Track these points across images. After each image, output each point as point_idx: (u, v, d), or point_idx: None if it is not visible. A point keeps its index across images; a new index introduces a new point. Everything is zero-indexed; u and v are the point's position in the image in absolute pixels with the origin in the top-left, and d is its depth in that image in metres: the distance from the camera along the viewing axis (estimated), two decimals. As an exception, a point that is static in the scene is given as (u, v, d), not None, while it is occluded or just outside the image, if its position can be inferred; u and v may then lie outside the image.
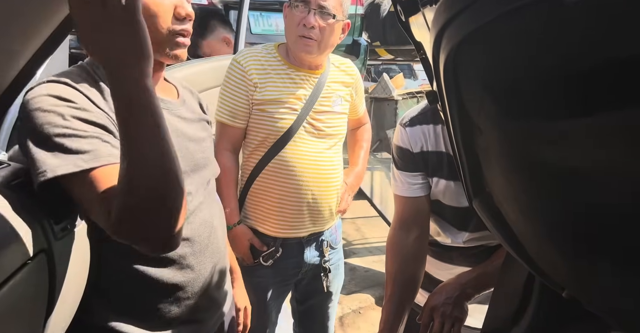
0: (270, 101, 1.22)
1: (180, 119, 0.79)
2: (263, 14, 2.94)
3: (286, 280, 1.36)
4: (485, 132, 0.50)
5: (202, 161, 0.82)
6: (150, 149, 0.53)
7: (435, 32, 0.45)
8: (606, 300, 0.49)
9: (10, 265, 0.52)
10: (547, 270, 0.56)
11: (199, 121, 0.85)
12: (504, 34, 0.39)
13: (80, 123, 0.60)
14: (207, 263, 0.81)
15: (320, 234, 1.36)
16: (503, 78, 0.42)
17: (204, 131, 0.87)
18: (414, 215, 1.02)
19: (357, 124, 1.55)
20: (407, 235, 1.02)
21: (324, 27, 1.19)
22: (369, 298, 2.58)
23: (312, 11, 1.17)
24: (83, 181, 0.57)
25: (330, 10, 1.19)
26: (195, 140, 0.81)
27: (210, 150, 0.88)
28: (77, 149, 0.57)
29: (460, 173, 0.63)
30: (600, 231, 0.43)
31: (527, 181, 0.47)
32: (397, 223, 1.05)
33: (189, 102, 0.86)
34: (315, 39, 1.19)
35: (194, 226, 0.78)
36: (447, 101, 0.53)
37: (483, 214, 0.63)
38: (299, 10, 1.18)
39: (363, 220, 3.63)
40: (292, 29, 1.20)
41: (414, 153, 1.01)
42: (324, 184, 1.28)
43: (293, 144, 1.24)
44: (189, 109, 0.84)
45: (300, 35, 1.18)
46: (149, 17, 0.67)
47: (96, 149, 0.59)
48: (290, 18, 1.20)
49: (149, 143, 0.53)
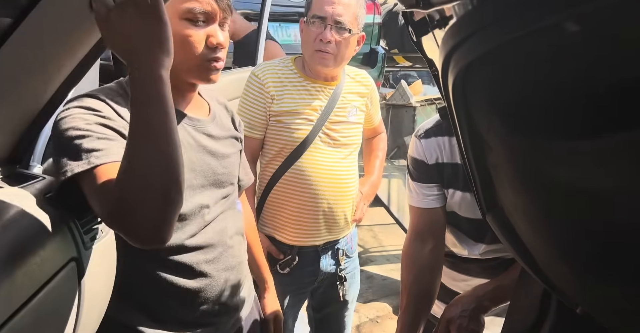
0: (286, 112, 1.25)
1: (206, 136, 0.83)
2: (282, 24, 2.99)
3: (302, 288, 1.38)
4: (495, 149, 0.51)
5: (223, 176, 0.85)
6: (158, 140, 0.56)
7: (444, 54, 0.46)
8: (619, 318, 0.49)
9: (45, 273, 0.56)
10: (559, 285, 0.56)
11: (227, 138, 0.88)
12: (510, 58, 0.40)
13: (101, 128, 0.64)
14: (221, 270, 0.84)
15: (335, 242, 1.38)
16: (510, 99, 0.43)
17: (231, 147, 0.89)
18: (429, 226, 1.03)
19: (372, 133, 1.56)
20: (422, 246, 1.02)
21: (340, 41, 1.22)
22: (387, 307, 2.56)
23: (329, 26, 1.20)
24: (92, 177, 0.60)
25: (346, 25, 1.22)
26: (218, 156, 0.84)
27: (234, 166, 0.90)
28: (92, 148, 0.61)
29: (473, 186, 0.64)
30: (610, 250, 0.43)
31: (537, 198, 0.48)
32: (412, 234, 1.06)
33: (220, 118, 0.89)
34: (331, 53, 1.22)
35: (208, 236, 0.81)
36: (457, 118, 0.54)
37: (496, 227, 0.64)
38: (316, 26, 1.21)
39: (380, 227, 3.62)
40: (309, 43, 1.23)
41: (429, 164, 1.01)
42: (339, 193, 1.30)
43: (309, 154, 1.27)
44: (218, 126, 0.87)
45: (317, 49, 1.22)
46: (184, 45, 0.73)
47: (108, 147, 0.62)
48: (307, 33, 1.24)
49: (160, 134, 0.56)
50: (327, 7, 1.20)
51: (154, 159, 0.56)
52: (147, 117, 0.56)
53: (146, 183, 0.56)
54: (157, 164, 0.56)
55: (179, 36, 0.70)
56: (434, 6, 0.46)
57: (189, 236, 0.78)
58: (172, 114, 0.57)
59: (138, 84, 0.56)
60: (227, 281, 0.85)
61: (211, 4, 0.74)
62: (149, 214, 0.57)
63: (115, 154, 0.61)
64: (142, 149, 0.56)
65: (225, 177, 0.86)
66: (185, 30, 0.73)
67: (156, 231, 0.58)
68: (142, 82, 0.56)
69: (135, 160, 0.56)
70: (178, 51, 0.70)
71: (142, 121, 0.56)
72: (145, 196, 0.56)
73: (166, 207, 0.58)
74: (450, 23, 0.45)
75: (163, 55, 0.56)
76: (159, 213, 0.57)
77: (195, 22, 0.74)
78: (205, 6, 0.74)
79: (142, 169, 0.56)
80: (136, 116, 0.56)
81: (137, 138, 0.56)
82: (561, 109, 0.40)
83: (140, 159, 0.56)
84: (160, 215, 0.57)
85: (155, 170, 0.56)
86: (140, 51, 0.55)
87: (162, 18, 0.57)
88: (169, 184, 0.57)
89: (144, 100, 0.56)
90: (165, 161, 0.57)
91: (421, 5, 0.48)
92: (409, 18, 0.58)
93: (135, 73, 0.56)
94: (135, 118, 0.56)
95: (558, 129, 0.42)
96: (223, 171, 0.85)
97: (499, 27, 0.38)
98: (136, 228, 0.57)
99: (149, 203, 0.56)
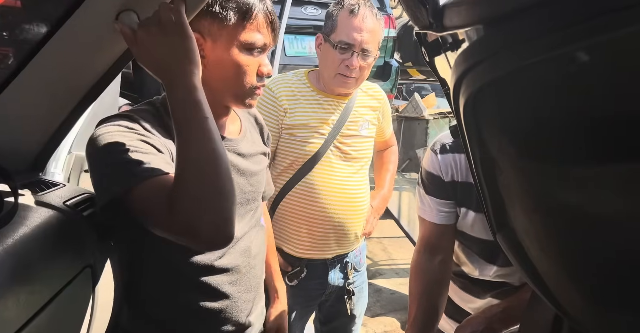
0: (299, 125, 1.27)
1: (237, 155, 0.84)
2: (297, 37, 3.04)
3: (310, 301, 1.38)
4: (505, 170, 0.51)
5: (249, 194, 0.86)
6: (201, 140, 0.60)
7: (456, 77, 0.47)
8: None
9: (61, 279, 0.57)
10: (571, 310, 0.55)
11: (255, 154, 0.89)
12: (522, 84, 0.41)
13: (142, 144, 0.66)
14: (242, 291, 0.84)
15: (344, 256, 1.37)
16: (521, 124, 0.43)
17: (259, 164, 0.90)
18: (440, 239, 1.02)
19: (383, 146, 1.57)
20: (432, 258, 1.01)
21: (363, 67, 1.24)
22: (395, 322, 2.53)
23: (355, 53, 1.21)
24: (144, 190, 0.61)
25: (372, 52, 1.24)
26: (247, 174, 0.85)
27: (261, 182, 0.91)
28: (140, 162, 0.63)
29: (484, 206, 0.64)
30: (621, 275, 0.43)
31: (546, 221, 0.48)
32: (422, 246, 1.05)
33: (250, 135, 0.91)
34: (354, 77, 1.24)
35: (233, 256, 0.82)
36: (467, 138, 0.55)
37: (506, 248, 0.63)
38: (341, 50, 1.22)
39: (390, 240, 3.59)
40: (332, 66, 1.24)
41: (445, 181, 1.00)
42: (350, 207, 1.30)
43: (320, 167, 1.27)
44: (248, 143, 0.88)
45: (341, 73, 1.23)
46: (239, 73, 0.75)
47: (153, 161, 0.64)
48: (330, 55, 1.24)
49: (201, 134, 0.60)
50: (355, 34, 1.20)
51: (204, 158, 0.59)
52: (188, 121, 0.60)
53: (202, 182, 0.59)
54: (208, 163, 0.59)
55: (234, 63, 0.74)
56: (447, 30, 0.46)
57: (217, 258, 0.79)
58: (210, 116, 0.61)
59: (174, 95, 0.60)
60: (247, 302, 0.85)
61: (270, 36, 0.77)
62: (212, 213, 0.59)
63: (163, 168, 0.64)
64: (192, 151, 0.59)
65: (251, 194, 0.87)
66: (243, 59, 0.75)
67: (222, 229, 0.60)
68: (177, 93, 0.60)
69: (187, 163, 0.59)
70: (229, 77, 0.75)
71: (184, 126, 0.60)
72: (205, 195, 0.59)
73: (224, 203, 0.60)
74: (463, 47, 0.46)
75: (192, 66, 0.61)
76: (221, 210, 0.60)
77: (252, 51, 0.75)
78: (266, 39, 0.76)
79: (195, 170, 0.59)
80: (179, 123, 0.60)
81: (184, 142, 0.60)
82: (571, 136, 0.40)
83: (191, 161, 0.59)
84: (223, 213, 0.60)
85: (208, 168, 0.59)
86: (171, 65, 0.59)
87: (187, 33, 0.60)
88: (223, 179, 0.60)
89: (183, 108, 0.59)
90: (215, 159, 0.60)
91: (434, 28, 0.49)
92: (422, 38, 0.59)
93: (170, 86, 0.60)
94: (178, 125, 0.60)
95: (568, 155, 0.42)
96: (250, 189, 0.86)
97: (511, 54, 0.39)
98: (201, 230, 0.59)
99: (210, 202, 0.59)
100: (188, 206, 0.58)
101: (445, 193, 1.00)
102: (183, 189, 0.58)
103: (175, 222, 0.59)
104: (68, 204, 0.64)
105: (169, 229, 0.61)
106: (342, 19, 1.22)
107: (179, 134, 0.60)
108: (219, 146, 0.61)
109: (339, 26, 1.22)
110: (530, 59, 0.37)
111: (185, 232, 0.59)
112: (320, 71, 1.30)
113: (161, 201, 0.59)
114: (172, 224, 0.59)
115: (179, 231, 0.60)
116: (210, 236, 0.60)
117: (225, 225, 0.60)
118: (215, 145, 0.61)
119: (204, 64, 0.73)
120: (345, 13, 1.22)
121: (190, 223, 0.58)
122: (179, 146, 0.60)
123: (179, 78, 0.59)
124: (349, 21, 1.21)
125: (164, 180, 0.62)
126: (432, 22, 0.49)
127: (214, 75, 0.75)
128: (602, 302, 0.48)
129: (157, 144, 0.68)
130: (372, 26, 1.22)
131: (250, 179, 0.86)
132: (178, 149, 0.60)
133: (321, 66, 1.29)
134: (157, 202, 0.60)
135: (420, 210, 1.06)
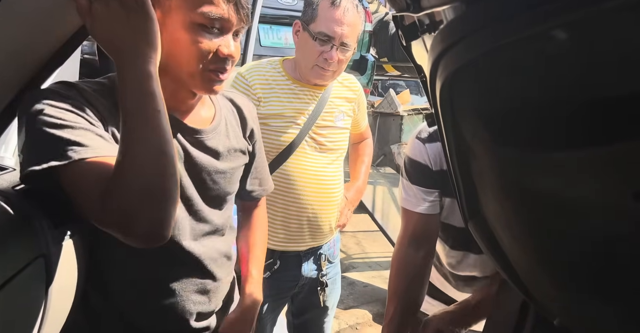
0: (273, 115, 1.24)
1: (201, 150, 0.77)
2: (273, 27, 2.99)
3: (283, 293, 1.36)
4: (479, 157, 0.51)
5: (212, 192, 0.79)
6: (148, 135, 0.55)
7: (432, 59, 0.46)
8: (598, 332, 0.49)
9: (11, 268, 0.53)
10: (539, 297, 0.56)
11: (227, 150, 0.81)
12: (497, 65, 0.40)
13: (75, 117, 0.59)
14: (192, 292, 0.79)
15: (318, 248, 1.36)
16: (496, 107, 0.43)
17: (230, 161, 0.82)
18: (424, 231, 1.00)
19: (359, 138, 1.56)
20: (416, 252, 0.99)
21: (342, 60, 1.22)
22: (367, 314, 2.55)
23: (334, 47, 1.19)
24: (74, 172, 0.56)
25: (351, 46, 1.22)
26: (210, 172, 0.78)
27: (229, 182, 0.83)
28: (71, 140, 0.57)
29: (456, 193, 0.64)
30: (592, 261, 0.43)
31: (519, 208, 0.48)
32: (405, 239, 1.01)
33: (225, 127, 0.82)
34: (332, 70, 1.22)
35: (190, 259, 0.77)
36: (443, 124, 0.54)
37: (477, 236, 0.64)
38: (321, 43, 1.19)
39: (364, 234, 3.62)
40: (311, 57, 1.21)
41: (433, 170, 0.97)
42: (324, 198, 1.29)
43: (295, 158, 1.25)
44: (220, 136, 0.80)
45: (319, 65, 1.21)
46: (192, 51, 0.67)
47: (87, 140, 0.58)
48: (309, 46, 1.20)
49: (148, 127, 0.54)
50: (336, 27, 1.17)
51: (148, 154, 0.55)
52: (137, 113, 0.54)
53: (143, 178, 0.54)
54: (152, 160, 0.55)
55: (186, 40, 0.66)
56: (424, 10, 0.45)
57: (170, 260, 0.74)
58: (163, 109, 0.56)
59: (125, 80, 0.54)
60: (196, 304, 0.80)
61: (229, 10, 0.67)
62: (149, 211, 0.55)
63: (97, 149, 0.58)
64: (136, 145, 0.54)
65: (214, 192, 0.80)
66: (196, 35, 0.66)
67: (157, 228, 0.56)
68: (129, 78, 0.54)
69: (129, 156, 0.54)
70: (183, 55, 0.67)
71: (132, 117, 0.54)
72: (143, 192, 0.54)
73: (165, 203, 0.56)
74: (440, 28, 0.45)
75: (150, 50, 0.55)
76: (159, 209, 0.56)
77: (208, 29, 0.67)
78: (222, 12, 0.66)
79: (137, 165, 0.54)
80: (126, 112, 0.55)
81: (129, 134, 0.54)
82: (548, 120, 0.40)
83: (134, 155, 0.54)
84: (161, 212, 0.56)
85: (151, 165, 0.55)
86: (127, 46, 0.54)
87: (148, 12, 0.55)
88: (166, 178, 0.56)
89: (133, 97, 0.54)
90: (160, 156, 0.55)
91: (412, 9, 0.48)
92: (399, 22, 0.58)
93: (122, 69, 0.54)
94: (125, 114, 0.55)
95: (543, 140, 0.41)
96: (213, 188, 0.79)
97: (488, 33, 0.38)
98: (135, 226, 0.55)
99: (149, 199, 0.55)
100: (123, 201, 0.54)
101: (432, 181, 0.98)
102: (120, 183, 0.54)
103: (107, 214, 0.54)
104: (17, 189, 0.59)
105: (98, 219, 0.56)
106: (323, 10, 1.19)
107: (124, 124, 0.55)
108: (167, 143, 0.56)
109: (320, 16, 1.20)
110: (507, 38, 0.36)
111: (116, 226, 0.55)
112: (297, 60, 1.27)
113: (92, 188, 0.55)
114: (104, 215, 0.55)
115: (109, 223, 0.56)
116: (143, 234, 0.56)
117: (161, 225, 0.56)
118: (164, 142, 0.56)
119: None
120: (327, 3, 1.19)
121: (123, 219, 0.54)
122: (123, 135, 0.55)
123: (133, 62, 0.54)
124: (330, 13, 1.18)
125: (100, 164, 0.57)
126: (409, 2, 0.48)
127: (166, 52, 0.65)
128: (572, 289, 0.49)
129: (99, 122, 0.62)
130: (353, 20, 1.20)
131: (214, 176, 0.79)
132: (122, 139, 0.55)
133: (298, 54, 1.27)
134: (88, 188, 0.55)
135: (405, 201, 1.03)
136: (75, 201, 0.57)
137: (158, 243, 0.58)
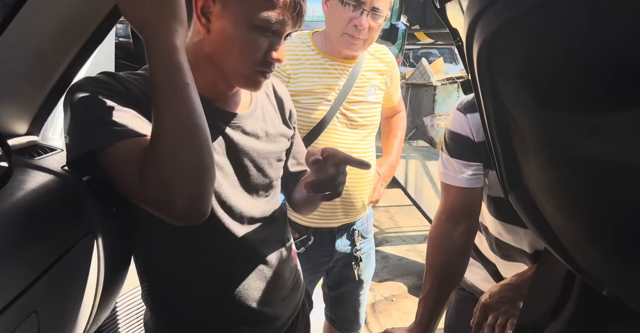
0: (303, 92, 1.22)
1: (241, 133, 0.77)
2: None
3: (317, 267, 1.39)
4: (521, 123, 0.48)
5: (256, 178, 0.80)
6: (179, 107, 0.55)
7: (469, 20, 0.43)
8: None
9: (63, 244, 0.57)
10: (585, 267, 0.54)
11: (267, 134, 0.82)
12: (540, 23, 0.37)
13: (114, 100, 0.61)
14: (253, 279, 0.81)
15: (352, 224, 1.37)
16: (540, 68, 0.40)
17: (272, 143, 0.83)
18: (465, 207, 0.95)
19: (391, 112, 1.52)
20: (454, 228, 0.95)
21: (373, 27, 1.17)
22: (402, 286, 2.58)
23: (365, 12, 1.14)
24: (116, 152, 0.58)
25: (383, 12, 1.16)
26: (252, 154, 0.79)
27: (273, 167, 0.83)
28: (112, 122, 0.59)
29: (495, 164, 0.61)
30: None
31: (565, 175, 0.45)
32: (444, 214, 0.98)
33: (262, 112, 0.83)
34: (363, 39, 1.17)
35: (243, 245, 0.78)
36: (481, 91, 0.51)
37: (519, 207, 0.61)
38: (350, 8, 1.14)
39: (397, 209, 3.60)
40: (340, 24, 1.16)
41: (475, 142, 0.92)
42: (356, 176, 1.28)
43: (326, 135, 1.24)
44: (257, 121, 0.81)
45: (349, 34, 1.16)
46: (243, 49, 0.68)
47: (128, 122, 0.60)
48: (339, 13, 1.16)
49: (178, 100, 0.55)
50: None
51: (178, 126, 0.55)
52: (165, 85, 0.55)
53: (175, 151, 0.55)
54: (183, 132, 0.55)
55: (240, 39, 0.67)
56: (460, -33, 0.42)
57: (221, 248, 0.76)
58: (192, 82, 0.56)
59: (152, 53, 0.55)
60: (257, 290, 0.82)
61: (290, 17, 0.68)
62: (186, 184, 0.56)
63: (137, 129, 0.60)
64: (166, 118, 0.55)
65: (260, 178, 0.81)
66: (251, 36, 0.67)
67: (196, 203, 0.57)
68: (155, 51, 0.55)
69: (160, 129, 0.55)
70: (232, 52, 0.68)
71: (161, 89, 0.55)
72: (178, 165, 0.55)
73: (201, 176, 0.57)
74: (477, -15, 0.41)
75: (176, 23, 0.55)
76: (195, 182, 0.56)
77: (264, 32, 0.68)
78: (282, 18, 0.67)
79: (168, 137, 0.55)
80: (155, 86, 0.56)
81: (159, 107, 0.55)
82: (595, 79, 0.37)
83: (165, 128, 0.55)
84: (196, 186, 0.57)
85: (183, 137, 0.55)
86: (153, 20, 0.54)
87: None
88: (199, 150, 0.56)
89: (160, 69, 0.55)
90: (191, 128, 0.56)
91: (446, -33, 0.45)
92: (431, -16, 0.54)
93: (149, 43, 0.55)
94: (155, 88, 0.56)
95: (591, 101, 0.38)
96: (257, 173, 0.80)
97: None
98: (174, 201, 0.56)
99: (184, 173, 0.55)
100: (159, 175, 0.55)
101: (475, 154, 0.93)
102: (154, 157, 0.55)
103: (147, 191, 0.56)
104: (66, 169, 0.63)
105: (139, 199, 0.58)
106: None
107: (155, 99, 0.56)
108: (198, 115, 0.56)
109: None
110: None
111: (155, 204, 0.57)
112: (326, 30, 1.24)
113: (133, 167, 0.56)
114: (144, 194, 0.56)
115: (149, 202, 0.57)
116: (181, 210, 0.56)
117: (199, 199, 0.57)
118: (194, 114, 0.56)
119: (208, 29, 0.67)
120: None
121: (161, 195, 0.55)
122: (155, 111, 0.56)
123: (159, 35, 0.54)
124: None
125: (140, 143, 0.58)
126: (443, -40, 0.45)
127: (216, 45, 0.68)
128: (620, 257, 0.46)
129: (138, 108, 0.63)
130: None
131: (259, 160, 0.79)
132: (154, 115, 0.56)
133: (327, 24, 1.23)
134: (130, 168, 0.57)
135: (444, 176, 0.99)
136: (117, 182, 0.59)
137: (198, 220, 0.59)
